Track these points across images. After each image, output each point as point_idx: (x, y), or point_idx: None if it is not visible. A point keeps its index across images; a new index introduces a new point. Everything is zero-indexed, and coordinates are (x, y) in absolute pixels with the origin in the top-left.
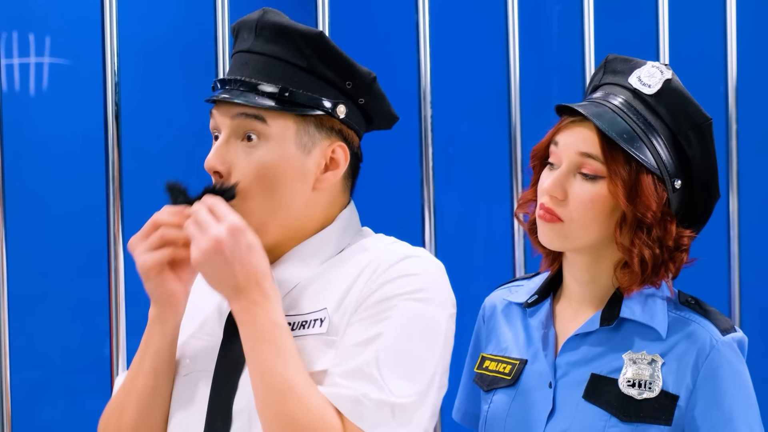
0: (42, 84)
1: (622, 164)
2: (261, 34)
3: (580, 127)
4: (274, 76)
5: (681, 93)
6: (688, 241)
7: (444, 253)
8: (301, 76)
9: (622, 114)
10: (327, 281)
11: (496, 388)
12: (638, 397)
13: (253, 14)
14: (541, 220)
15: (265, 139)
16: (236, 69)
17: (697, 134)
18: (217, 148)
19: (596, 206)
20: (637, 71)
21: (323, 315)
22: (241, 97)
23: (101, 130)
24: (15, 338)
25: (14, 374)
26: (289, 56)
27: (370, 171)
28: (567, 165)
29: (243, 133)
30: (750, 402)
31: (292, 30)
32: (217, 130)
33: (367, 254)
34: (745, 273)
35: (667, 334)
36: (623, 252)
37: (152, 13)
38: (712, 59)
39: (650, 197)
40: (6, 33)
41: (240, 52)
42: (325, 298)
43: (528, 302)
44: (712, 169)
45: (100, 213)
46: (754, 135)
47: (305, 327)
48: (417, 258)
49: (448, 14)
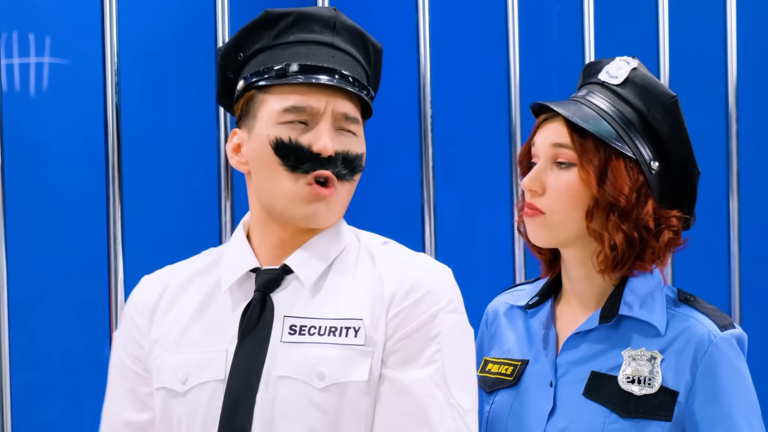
0: (42, 84)
1: (592, 151)
2: (339, 33)
3: (552, 123)
4: (359, 76)
5: (646, 78)
6: (676, 222)
7: (444, 254)
8: (367, 79)
9: (590, 104)
10: (346, 286)
11: (498, 389)
12: (638, 393)
13: (321, 9)
14: (525, 217)
15: (356, 134)
16: (328, 59)
17: (665, 113)
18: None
19: (573, 194)
20: (606, 67)
21: (357, 325)
22: (356, 90)
23: (101, 131)
24: (15, 338)
25: (14, 374)
26: (364, 59)
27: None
28: (543, 159)
29: (338, 124)
30: (749, 397)
31: (366, 36)
32: (310, 110)
33: (383, 262)
34: (745, 273)
35: (666, 330)
36: (595, 238)
37: (152, 13)
38: (712, 59)
39: (622, 181)
40: (6, 33)
41: (318, 44)
42: (352, 306)
43: (529, 304)
44: (686, 145)
45: (100, 213)
46: (754, 135)
47: (335, 334)
48: (434, 268)
49: (448, 14)
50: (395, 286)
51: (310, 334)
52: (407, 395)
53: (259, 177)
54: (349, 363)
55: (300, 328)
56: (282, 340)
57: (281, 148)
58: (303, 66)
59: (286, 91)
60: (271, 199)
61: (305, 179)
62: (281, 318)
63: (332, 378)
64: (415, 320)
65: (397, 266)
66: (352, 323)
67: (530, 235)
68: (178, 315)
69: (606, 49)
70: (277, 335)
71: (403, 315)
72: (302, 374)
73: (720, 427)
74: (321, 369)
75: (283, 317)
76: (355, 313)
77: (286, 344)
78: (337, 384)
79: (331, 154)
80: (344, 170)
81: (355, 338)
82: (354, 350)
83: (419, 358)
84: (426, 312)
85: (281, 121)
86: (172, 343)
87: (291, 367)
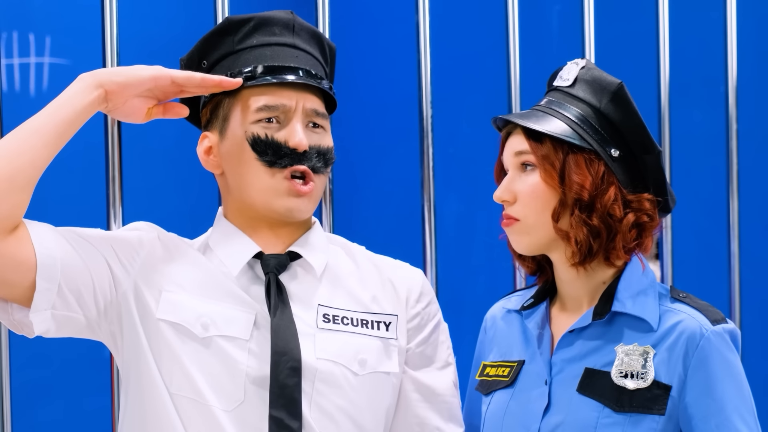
0: (42, 84)
1: (551, 152)
2: (299, 34)
3: (513, 136)
4: (321, 73)
5: (593, 73)
6: (649, 205)
7: (444, 253)
8: (326, 76)
9: (548, 110)
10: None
11: (494, 390)
12: (631, 388)
13: (279, 12)
14: (504, 228)
15: (324, 129)
16: (292, 59)
17: (614, 101)
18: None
19: (540, 195)
20: (559, 73)
21: (388, 320)
22: (325, 86)
23: (101, 131)
24: (15, 338)
25: (14, 374)
26: (322, 58)
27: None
28: (511, 169)
29: (308, 120)
30: (741, 390)
31: (322, 37)
32: (282, 108)
33: (379, 263)
34: (745, 272)
35: (658, 325)
36: (561, 237)
37: (152, 14)
38: (713, 59)
39: (583, 174)
40: (6, 33)
41: (280, 45)
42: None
43: (524, 306)
44: (640, 127)
45: (101, 213)
46: (755, 134)
47: (366, 326)
48: (421, 272)
49: (449, 15)
50: (406, 289)
51: (344, 323)
52: (437, 395)
53: (236, 174)
54: (385, 354)
55: (333, 317)
56: (318, 326)
57: (258, 144)
58: (270, 67)
59: (256, 92)
60: (250, 194)
61: (282, 174)
62: (302, 302)
63: (372, 366)
64: (428, 324)
65: (397, 269)
66: (384, 318)
67: (512, 243)
68: (191, 274)
69: (606, 48)
70: (306, 319)
71: (419, 318)
72: (344, 359)
73: (713, 420)
74: (363, 356)
75: (318, 305)
76: (382, 308)
77: (324, 331)
78: (376, 372)
79: (306, 149)
80: (319, 163)
81: (387, 332)
82: (388, 343)
83: (436, 360)
84: (435, 316)
85: (254, 120)
86: (195, 288)
87: (334, 351)
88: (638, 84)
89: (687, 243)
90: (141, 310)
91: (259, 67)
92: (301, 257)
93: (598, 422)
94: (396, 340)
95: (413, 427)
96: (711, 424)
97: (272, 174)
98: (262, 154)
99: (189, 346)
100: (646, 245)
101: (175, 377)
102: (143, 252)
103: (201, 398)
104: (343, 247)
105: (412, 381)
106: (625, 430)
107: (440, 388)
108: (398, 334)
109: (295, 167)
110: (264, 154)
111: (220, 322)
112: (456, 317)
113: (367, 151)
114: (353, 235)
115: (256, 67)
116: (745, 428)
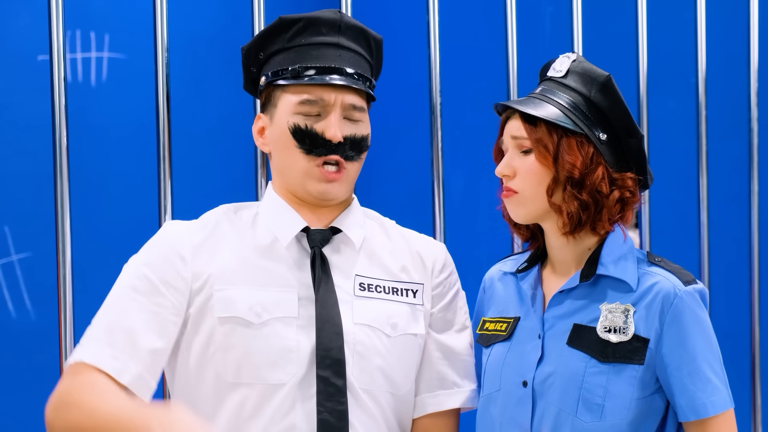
0: (102, 76)
1: (546, 135)
2: (344, 33)
3: (511, 120)
4: (362, 69)
5: (584, 66)
6: (632, 183)
7: (451, 223)
8: (370, 69)
9: (543, 97)
10: (386, 252)
11: (493, 343)
12: (614, 341)
13: (327, 12)
14: (504, 198)
15: (362, 120)
16: (336, 59)
17: (603, 91)
18: (338, 124)
19: (536, 174)
20: (552, 65)
21: (416, 288)
22: (360, 86)
23: (153, 116)
24: (79, 298)
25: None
26: (367, 53)
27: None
28: (510, 149)
29: (346, 114)
30: (710, 343)
31: (368, 32)
32: (322, 102)
33: (409, 237)
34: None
35: (637, 286)
36: (555, 210)
37: (198, 14)
38: (684, 54)
39: (574, 155)
40: (71, 31)
41: (326, 45)
42: (400, 270)
43: (519, 269)
44: (626, 114)
45: (152, 188)
46: (721, 119)
47: (397, 293)
48: (443, 245)
49: (455, 16)
50: (432, 260)
51: (378, 291)
52: (456, 354)
53: (280, 157)
54: (413, 318)
55: (368, 286)
56: (355, 294)
57: (298, 132)
58: (314, 68)
59: (301, 89)
60: (289, 175)
61: (316, 161)
62: (343, 273)
63: (402, 329)
64: (449, 291)
65: (425, 242)
66: (411, 286)
67: (510, 213)
68: (242, 260)
69: (592, 45)
70: (345, 288)
71: (442, 286)
72: (378, 323)
73: (685, 368)
74: (395, 320)
75: (355, 275)
76: (411, 278)
77: (361, 298)
78: (406, 335)
79: (340, 140)
80: (351, 152)
81: (414, 298)
82: (415, 308)
83: (455, 323)
84: (455, 285)
85: (297, 112)
86: (244, 281)
87: (369, 316)
88: (619, 76)
89: (662, 214)
90: (200, 314)
91: (305, 66)
92: (342, 232)
93: (585, 371)
94: (422, 305)
95: (434, 382)
96: (684, 372)
97: (309, 160)
98: (301, 142)
99: (246, 334)
100: (627, 217)
101: (230, 366)
102: (183, 265)
103: (260, 380)
104: (378, 221)
105: (434, 341)
106: (609, 378)
107: (458, 348)
108: (424, 300)
109: (328, 157)
110: (302, 142)
111: (270, 306)
112: (462, 278)
113: (384, 134)
114: (372, 206)
115: (302, 65)
116: (713, 375)
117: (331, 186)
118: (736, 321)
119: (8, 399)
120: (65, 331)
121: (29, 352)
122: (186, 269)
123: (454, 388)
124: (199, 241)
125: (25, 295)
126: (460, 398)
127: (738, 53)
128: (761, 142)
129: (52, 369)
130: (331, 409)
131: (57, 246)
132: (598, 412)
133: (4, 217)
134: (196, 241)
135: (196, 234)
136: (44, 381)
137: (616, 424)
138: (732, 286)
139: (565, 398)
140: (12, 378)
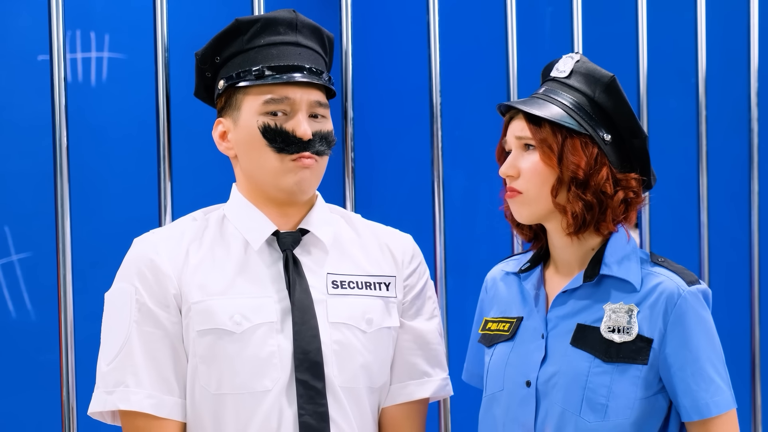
0: (102, 76)
1: (550, 136)
2: (301, 31)
3: (515, 120)
4: (320, 66)
5: (588, 66)
6: (635, 183)
7: (451, 223)
8: (326, 66)
9: (546, 97)
10: (356, 248)
11: (496, 343)
12: (618, 341)
13: (283, 12)
14: (508, 199)
15: (325, 116)
16: (296, 57)
17: (607, 92)
18: (306, 122)
19: (540, 173)
20: (555, 65)
21: (388, 281)
22: (324, 82)
23: (153, 116)
24: (78, 297)
25: (78, 330)
26: (322, 51)
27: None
28: (513, 148)
29: (311, 111)
30: (713, 343)
31: (322, 31)
32: (288, 102)
33: (377, 231)
34: (713, 238)
35: (640, 286)
36: (559, 210)
37: (197, 14)
38: (684, 55)
39: (579, 156)
40: (71, 31)
41: (285, 44)
42: (371, 264)
43: (521, 269)
44: (630, 115)
45: (152, 188)
46: (721, 119)
47: (370, 288)
48: (411, 238)
49: (456, 16)
50: (401, 252)
51: (350, 287)
52: (427, 343)
53: (248, 158)
54: (387, 311)
55: (341, 283)
56: (329, 292)
57: (269, 132)
58: (276, 67)
59: (265, 90)
60: (260, 176)
61: (290, 158)
62: (315, 273)
63: (377, 323)
64: (419, 281)
65: (392, 235)
66: (384, 279)
67: (514, 213)
68: (216, 267)
69: (592, 45)
70: (319, 287)
71: (412, 277)
72: (354, 320)
73: (689, 368)
74: (370, 316)
75: (327, 273)
76: (381, 271)
77: (334, 296)
78: (381, 329)
79: (310, 137)
80: (321, 147)
81: (387, 291)
82: (389, 301)
83: (424, 312)
84: (424, 275)
85: (264, 112)
86: (221, 290)
87: (345, 314)
88: (620, 76)
89: (663, 214)
90: (185, 328)
91: (267, 66)
92: (310, 232)
93: (589, 371)
94: (395, 297)
95: (404, 372)
96: (687, 372)
97: (281, 159)
98: (272, 141)
99: (228, 344)
100: (631, 218)
101: (213, 378)
102: (169, 281)
103: (247, 389)
104: (343, 216)
105: (404, 330)
106: (613, 377)
107: (428, 336)
108: (396, 292)
109: (301, 154)
110: (274, 141)
111: (249, 313)
112: (461, 278)
113: (385, 134)
114: (372, 206)
115: (264, 66)
116: (716, 375)
117: (305, 173)
118: (736, 321)
119: (8, 399)
120: (65, 331)
121: (29, 352)
122: (172, 284)
123: (424, 377)
124: (172, 253)
125: (25, 295)
126: (430, 388)
127: (738, 53)
128: (761, 142)
129: (52, 369)
130: (312, 412)
131: (57, 246)
132: (601, 412)
133: (4, 217)
134: (171, 254)
135: (168, 245)
136: (44, 381)
137: (620, 423)
138: (732, 286)
139: (568, 398)
140: (12, 378)
